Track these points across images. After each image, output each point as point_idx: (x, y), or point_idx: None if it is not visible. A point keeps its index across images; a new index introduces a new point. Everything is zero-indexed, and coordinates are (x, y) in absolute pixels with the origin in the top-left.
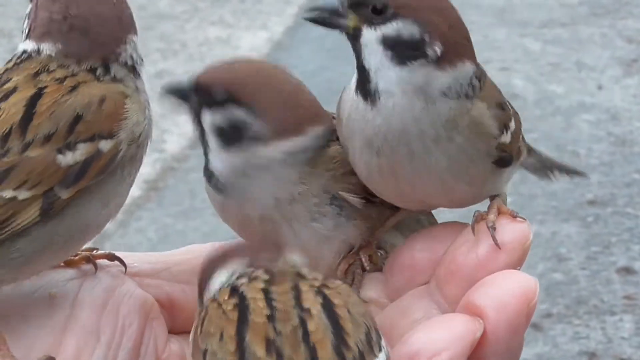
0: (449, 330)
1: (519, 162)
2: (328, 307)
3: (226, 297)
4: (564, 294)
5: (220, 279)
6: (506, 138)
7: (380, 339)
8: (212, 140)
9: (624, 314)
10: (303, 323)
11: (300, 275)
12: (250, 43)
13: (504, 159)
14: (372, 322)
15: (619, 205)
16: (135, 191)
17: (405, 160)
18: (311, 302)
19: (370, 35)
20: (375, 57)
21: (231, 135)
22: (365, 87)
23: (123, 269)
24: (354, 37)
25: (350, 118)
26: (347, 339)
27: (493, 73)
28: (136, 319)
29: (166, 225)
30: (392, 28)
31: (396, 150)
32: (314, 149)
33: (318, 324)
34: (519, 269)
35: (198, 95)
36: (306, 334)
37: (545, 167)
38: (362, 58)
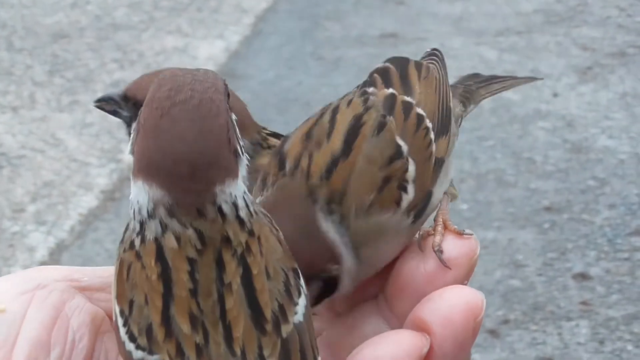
0: (395, 346)
1: (446, 163)
2: (246, 279)
3: (152, 261)
4: (520, 300)
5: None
6: (409, 196)
7: (299, 279)
8: None
9: (580, 320)
10: (221, 299)
11: (226, 240)
12: (207, 52)
13: (421, 208)
14: (290, 264)
15: (575, 212)
16: (92, 202)
17: None
18: (232, 275)
19: None
20: None
21: None
22: None
23: (72, 283)
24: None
25: None
26: (265, 312)
27: (450, 82)
28: (87, 334)
29: None
30: None
31: None
32: None
33: (235, 300)
34: (465, 284)
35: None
36: (223, 312)
37: (494, 94)
38: None
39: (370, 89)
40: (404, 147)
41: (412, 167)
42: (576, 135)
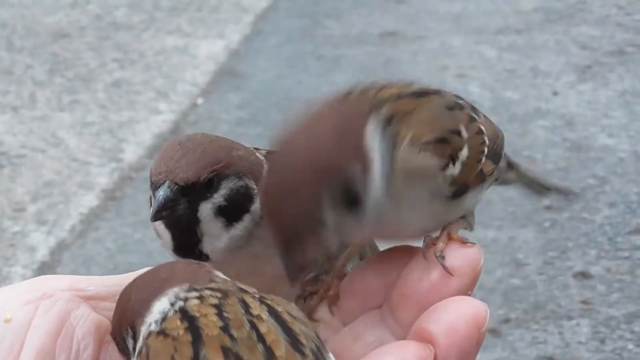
0: (399, 358)
1: (483, 185)
2: (274, 313)
3: (177, 324)
4: (521, 299)
5: (160, 307)
6: (455, 170)
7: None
8: (212, 226)
9: (580, 319)
10: (254, 327)
11: (242, 290)
12: (207, 52)
13: (457, 191)
14: (313, 327)
15: (575, 211)
16: (92, 201)
17: None
18: (258, 310)
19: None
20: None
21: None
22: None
23: (78, 292)
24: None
25: None
26: (299, 338)
27: (450, 80)
28: (91, 343)
29: (125, 234)
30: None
31: None
32: None
33: (269, 327)
34: (470, 294)
35: (188, 194)
36: (260, 337)
37: (532, 184)
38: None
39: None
40: (465, 134)
41: (465, 151)
42: (576, 133)
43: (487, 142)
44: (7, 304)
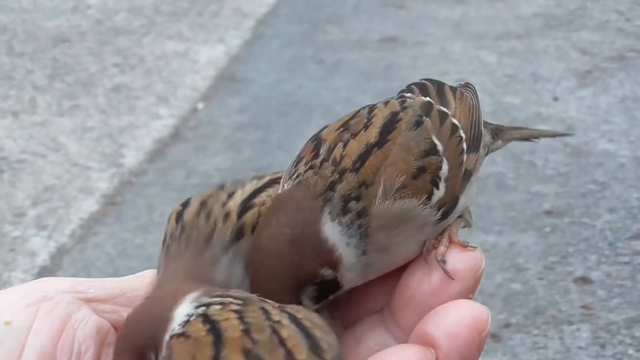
0: None
1: (472, 181)
2: (294, 320)
3: (199, 327)
4: (522, 304)
5: (183, 311)
6: (440, 192)
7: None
8: None
9: (581, 324)
10: (276, 332)
11: (262, 300)
12: (208, 56)
13: (447, 211)
14: (335, 336)
15: (576, 216)
16: (92, 206)
17: None
18: (279, 316)
19: None
20: None
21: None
22: None
23: (78, 295)
24: None
25: None
26: (320, 344)
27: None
28: (92, 345)
29: (125, 239)
30: None
31: None
32: None
33: (290, 332)
34: (471, 297)
35: None
36: (281, 341)
37: (522, 138)
38: None
39: (408, 94)
40: (440, 147)
41: (445, 167)
42: (576, 139)
43: (463, 136)
44: (7, 307)
